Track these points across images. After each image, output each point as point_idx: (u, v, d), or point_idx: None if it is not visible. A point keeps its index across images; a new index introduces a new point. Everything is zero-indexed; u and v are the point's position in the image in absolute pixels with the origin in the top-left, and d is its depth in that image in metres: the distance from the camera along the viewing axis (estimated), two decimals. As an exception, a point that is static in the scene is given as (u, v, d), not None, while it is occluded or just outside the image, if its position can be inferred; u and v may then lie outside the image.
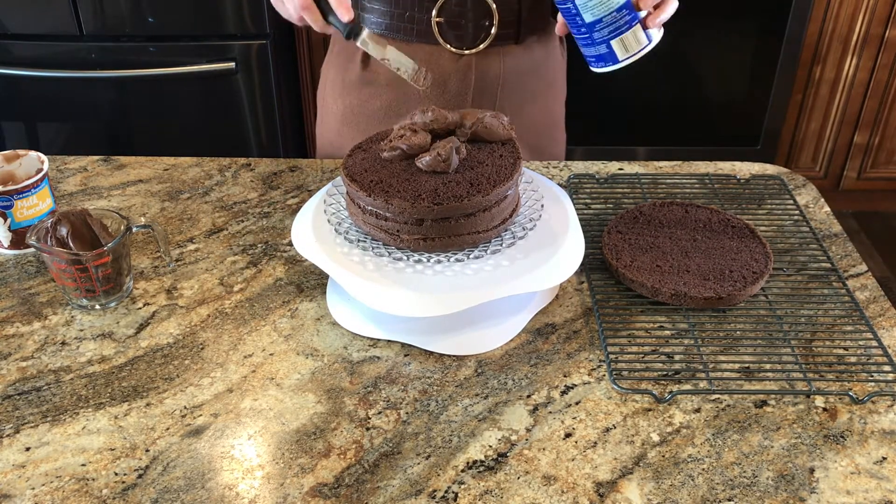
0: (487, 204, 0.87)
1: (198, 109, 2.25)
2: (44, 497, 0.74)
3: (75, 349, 0.90)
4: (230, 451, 0.79)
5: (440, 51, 1.17)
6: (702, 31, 2.38)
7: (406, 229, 0.87)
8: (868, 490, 0.75)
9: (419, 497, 0.74)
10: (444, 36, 1.15)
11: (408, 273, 0.87)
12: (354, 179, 0.89)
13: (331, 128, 1.29)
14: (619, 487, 0.75)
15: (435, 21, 1.14)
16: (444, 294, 0.85)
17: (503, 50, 1.18)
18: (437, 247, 0.87)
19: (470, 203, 0.85)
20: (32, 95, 2.23)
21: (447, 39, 1.16)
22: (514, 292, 0.86)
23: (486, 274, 0.87)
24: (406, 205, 0.85)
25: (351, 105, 1.24)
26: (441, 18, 1.14)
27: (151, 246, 1.06)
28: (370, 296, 0.85)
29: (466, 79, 1.18)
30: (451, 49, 1.16)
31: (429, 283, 0.86)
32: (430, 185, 0.87)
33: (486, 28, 1.15)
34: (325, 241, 0.91)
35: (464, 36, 1.16)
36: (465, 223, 0.87)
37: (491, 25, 1.15)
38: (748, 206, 1.14)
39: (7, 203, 1.01)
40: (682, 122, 2.54)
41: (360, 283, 0.86)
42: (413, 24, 1.14)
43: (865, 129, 2.57)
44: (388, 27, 1.16)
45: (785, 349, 0.90)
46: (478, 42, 1.16)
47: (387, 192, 0.86)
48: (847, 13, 2.38)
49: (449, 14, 1.14)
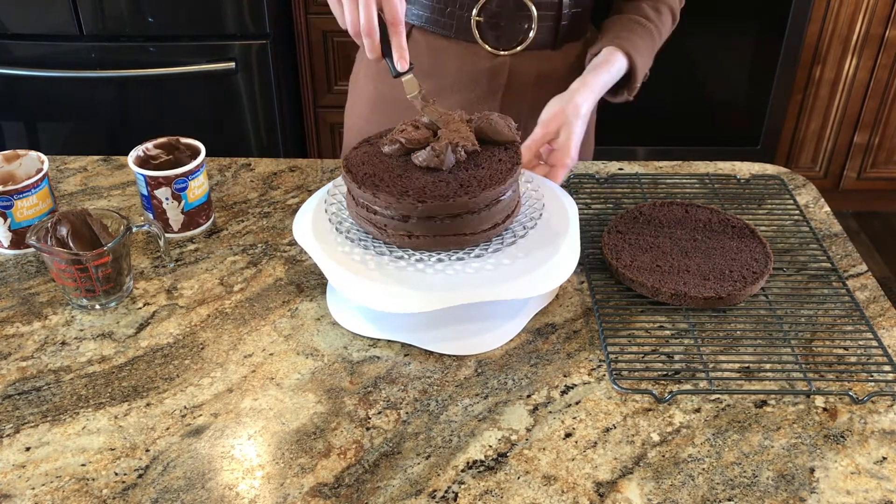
0: (475, 207, 0.86)
1: (198, 109, 2.25)
2: (44, 497, 0.74)
3: (75, 349, 0.90)
4: (230, 451, 0.79)
5: (477, 49, 1.17)
6: (702, 31, 2.38)
7: (392, 224, 0.87)
8: (868, 490, 0.75)
9: (419, 497, 0.74)
10: (482, 35, 1.16)
11: (409, 271, 0.86)
12: (349, 170, 0.89)
13: (360, 114, 1.29)
14: (619, 487, 0.75)
15: (475, 19, 1.14)
16: (442, 291, 0.85)
17: (540, 54, 1.18)
18: (422, 245, 0.87)
19: (454, 204, 0.84)
20: (32, 95, 2.22)
21: (485, 39, 1.16)
22: (514, 296, 0.86)
23: (486, 273, 0.87)
24: (392, 200, 0.85)
25: (382, 91, 1.24)
26: (481, 17, 1.14)
27: (151, 246, 1.06)
28: (365, 292, 0.85)
29: (499, 79, 1.19)
30: (487, 48, 1.17)
31: (428, 280, 0.85)
32: (420, 182, 0.87)
33: (525, 31, 1.15)
34: (326, 240, 0.91)
35: (501, 37, 1.16)
36: (450, 224, 0.86)
37: (529, 29, 1.15)
38: (748, 206, 1.14)
39: (7, 203, 1.01)
40: (682, 122, 2.54)
41: (353, 279, 0.86)
42: (453, 20, 1.15)
43: (865, 129, 2.57)
44: (427, 20, 1.17)
45: (785, 349, 0.90)
46: (514, 44, 1.17)
47: (376, 185, 0.86)
48: (847, 13, 2.37)
49: (489, 14, 1.14)
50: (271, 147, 2.32)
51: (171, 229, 1.07)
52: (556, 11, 1.15)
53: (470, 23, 1.15)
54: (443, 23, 1.16)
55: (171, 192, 1.03)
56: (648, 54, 1.14)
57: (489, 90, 1.19)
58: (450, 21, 1.16)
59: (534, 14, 1.14)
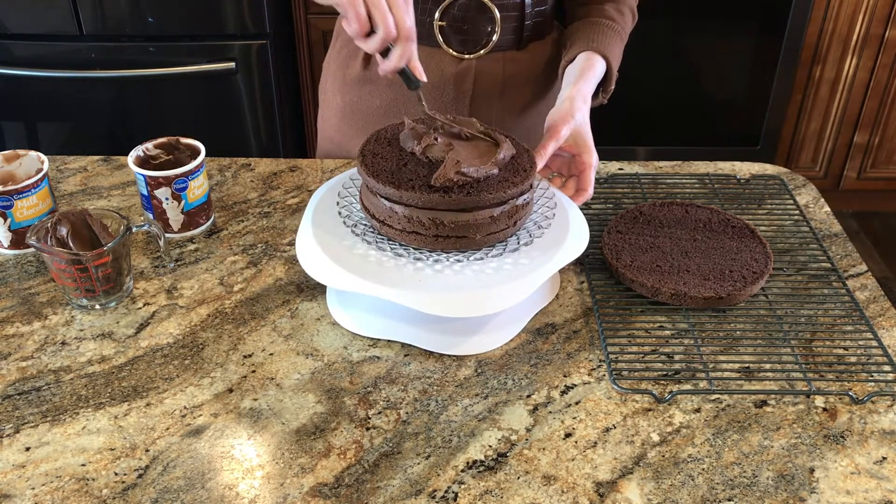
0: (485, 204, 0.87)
1: (198, 109, 2.25)
2: (44, 497, 0.74)
3: (75, 349, 0.90)
4: (230, 451, 0.79)
5: (441, 54, 1.16)
6: (702, 30, 2.38)
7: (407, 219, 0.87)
8: (868, 490, 0.75)
9: (419, 497, 0.74)
10: (446, 40, 1.15)
11: (427, 273, 0.87)
12: (363, 154, 0.91)
13: (331, 123, 1.29)
14: (619, 487, 0.75)
15: (437, 24, 1.14)
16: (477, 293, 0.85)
17: (505, 56, 1.18)
18: (410, 241, 0.89)
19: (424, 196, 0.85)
20: (32, 95, 2.22)
21: (449, 43, 1.16)
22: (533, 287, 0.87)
23: (506, 272, 0.88)
24: (414, 195, 0.86)
25: (351, 102, 1.24)
26: (444, 22, 1.14)
27: (151, 246, 1.06)
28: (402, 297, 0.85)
29: (466, 83, 1.18)
30: (452, 53, 1.16)
31: (448, 282, 0.86)
32: (420, 174, 0.88)
33: (489, 34, 1.15)
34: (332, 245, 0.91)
35: (466, 40, 1.16)
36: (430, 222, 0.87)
37: (493, 32, 1.15)
38: (748, 206, 1.14)
39: (7, 203, 1.01)
40: (682, 122, 2.54)
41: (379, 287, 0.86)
42: (416, 25, 1.14)
43: (865, 129, 2.57)
44: None
45: (785, 349, 0.90)
46: (479, 47, 1.16)
47: (378, 170, 0.88)
48: (847, 13, 2.37)
49: (451, 18, 1.14)
50: (271, 147, 2.32)
51: (171, 229, 1.07)
52: (520, 11, 1.14)
53: (433, 28, 1.14)
54: None
55: (171, 192, 1.03)
56: (620, 55, 1.14)
57: (456, 95, 1.19)
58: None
59: (497, 16, 1.13)
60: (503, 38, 1.15)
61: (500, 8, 1.13)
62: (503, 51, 1.17)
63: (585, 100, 1.05)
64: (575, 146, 1.01)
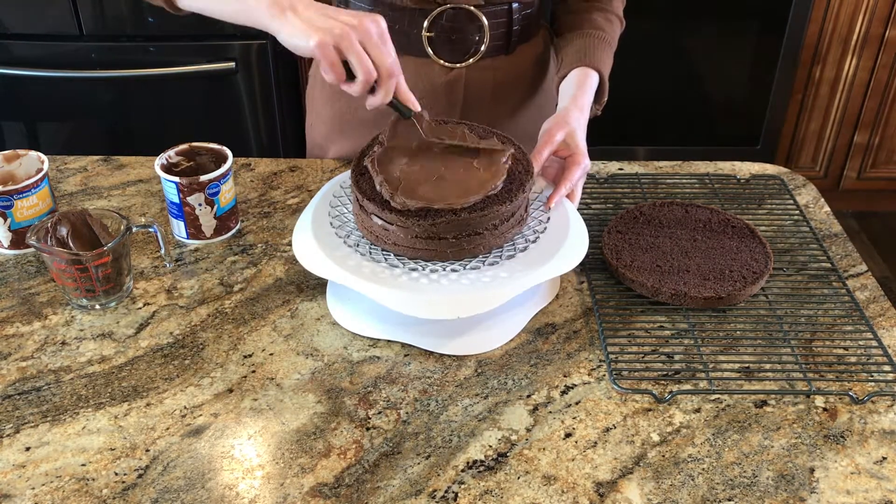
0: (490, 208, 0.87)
1: (198, 109, 2.25)
2: (44, 497, 0.74)
3: (75, 349, 0.90)
4: (230, 451, 0.79)
5: (430, 64, 1.16)
6: (702, 30, 2.38)
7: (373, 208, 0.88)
8: (868, 490, 0.75)
9: (419, 497, 0.74)
10: (435, 50, 1.15)
11: (423, 282, 0.87)
12: (357, 175, 0.91)
13: (319, 131, 1.29)
14: (619, 487, 0.75)
15: (425, 35, 1.14)
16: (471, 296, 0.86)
17: (494, 62, 1.18)
18: (405, 253, 0.89)
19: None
20: (32, 95, 2.22)
21: (438, 53, 1.15)
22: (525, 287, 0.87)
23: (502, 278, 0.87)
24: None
25: (340, 111, 1.24)
26: (432, 33, 1.13)
27: (151, 246, 1.06)
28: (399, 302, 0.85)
29: (456, 92, 1.18)
30: (441, 63, 1.16)
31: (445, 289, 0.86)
32: (414, 172, 0.89)
33: (477, 42, 1.15)
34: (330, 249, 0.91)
35: (454, 50, 1.15)
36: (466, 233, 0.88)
37: (482, 41, 1.14)
38: (748, 206, 1.14)
39: (7, 203, 1.01)
40: (682, 122, 2.54)
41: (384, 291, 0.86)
42: (403, 37, 1.13)
43: (865, 128, 2.57)
44: None
45: (785, 349, 0.90)
46: (468, 56, 1.16)
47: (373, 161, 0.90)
48: (847, 13, 2.37)
49: (440, 29, 1.13)
50: (271, 147, 2.32)
51: (204, 235, 1.05)
52: (507, 17, 1.14)
53: (421, 39, 1.14)
54: (394, 41, 1.15)
55: (204, 198, 1.03)
56: (610, 64, 1.15)
57: (447, 104, 1.18)
58: (400, 38, 1.13)
59: (485, 24, 1.13)
60: (491, 45, 1.15)
61: (487, 16, 1.13)
62: (492, 57, 1.17)
63: (582, 109, 1.06)
64: (567, 149, 1.02)
